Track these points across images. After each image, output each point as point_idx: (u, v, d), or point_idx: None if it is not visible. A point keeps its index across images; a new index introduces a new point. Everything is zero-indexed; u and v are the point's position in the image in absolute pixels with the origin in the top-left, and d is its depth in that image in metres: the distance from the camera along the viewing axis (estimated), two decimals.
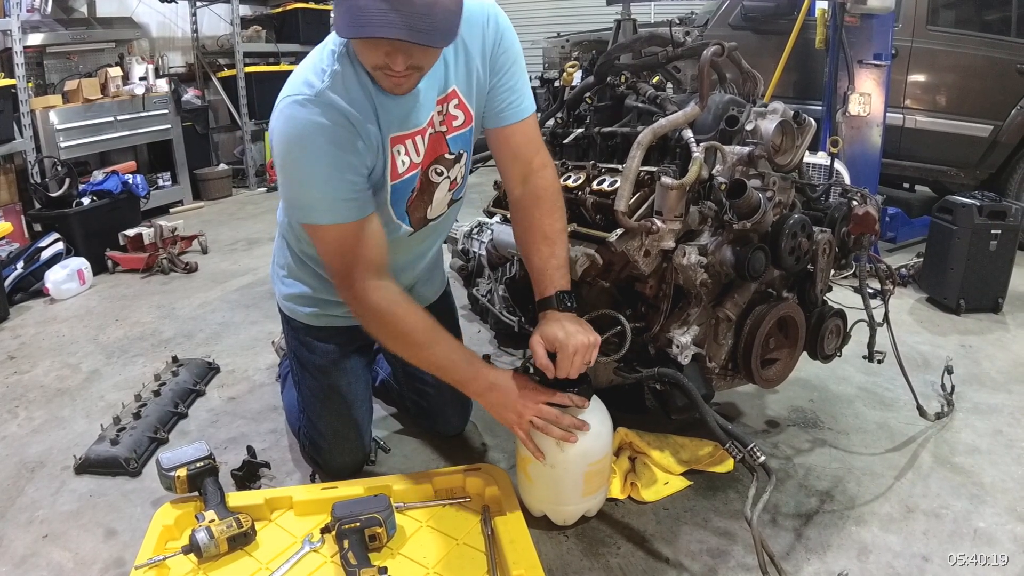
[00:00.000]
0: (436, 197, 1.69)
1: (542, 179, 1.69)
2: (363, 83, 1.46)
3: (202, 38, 7.04)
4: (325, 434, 1.97)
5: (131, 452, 2.12)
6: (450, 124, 1.60)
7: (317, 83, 1.43)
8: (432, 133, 1.58)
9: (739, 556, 1.70)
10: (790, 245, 1.76)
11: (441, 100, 1.57)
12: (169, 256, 4.27)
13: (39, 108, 4.89)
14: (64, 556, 1.77)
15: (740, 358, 1.88)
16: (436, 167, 1.64)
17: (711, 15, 4.88)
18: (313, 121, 1.40)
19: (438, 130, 1.59)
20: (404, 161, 1.57)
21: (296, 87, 1.45)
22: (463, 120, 1.62)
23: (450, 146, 1.64)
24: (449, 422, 2.20)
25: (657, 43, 2.04)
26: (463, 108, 1.60)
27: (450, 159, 1.65)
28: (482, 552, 1.68)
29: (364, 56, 1.38)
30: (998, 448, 2.14)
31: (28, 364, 2.97)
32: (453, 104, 1.58)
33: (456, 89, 1.57)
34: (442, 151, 1.63)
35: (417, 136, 1.55)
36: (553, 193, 1.70)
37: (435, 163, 1.64)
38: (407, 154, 1.56)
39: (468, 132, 1.65)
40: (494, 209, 2.25)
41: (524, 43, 1.61)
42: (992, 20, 4.46)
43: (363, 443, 2.01)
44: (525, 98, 1.65)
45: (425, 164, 1.62)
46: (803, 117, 1.82)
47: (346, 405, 1.95)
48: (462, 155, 1.68)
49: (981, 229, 3.16)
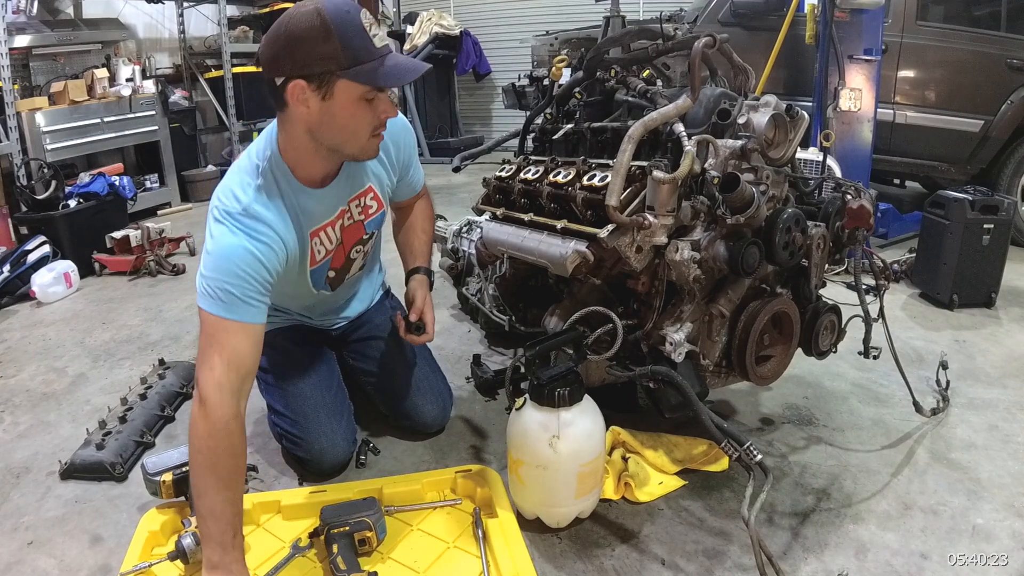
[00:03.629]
0: (352, 268, 2.02)
1: (419, 206, 2.21)
2: (283, 191, 1.68)
3: (189, 39, 7.01)
4: (296, 419, 1.99)
5: (117, 457, 2.08)
6: (367, 213, 1.92)
7: (244, 198, 1.62)
8: (350, 223, 1.88)
9: (735, 556, 1.67)
10: (784, 240, 1.74)
11: (360, 195, 1.87)
12: (156, 258, 4.24)
13: (25, 110, 4.85)
14: (49, 563, 1.73)
15: (734, 355, 1.86)
16: (356, 248, 1.97)
17: (700, 11, 4.87)
18: (240, 246, 1.58)
19: (356, 219, 1.89)
20: (320, 250, 1.83)
21: (227, 196, 1.64)
22: (376, 208, 1.94)
23: (367, 229, 1.95)
24: (424, 413, 2.18)
25: (647, 37, 2.02)
26: (377, 200, 1.93)
27: (367, 239, 1.98)
28: (474, 555, 1.66)
29: (368, 119, 1.60)
30: (994, 443, 2.13)
31: (14, 368, 2.93)
32: (369, 197, 1.90)
33: (372, 186, 1.90)
34: (361, 235, 1.95)
35: (329, 227, 1.81)
36: (428, 208, 2.23)
37: (356, 245, 1.96)
38: (323, 244, 1.83)
39: (381, 215, 1.98)
40: (483, 207, 2.22)
41: (512, 41, 1.76)
42: (982, 15, 4.47)
43: (340, 427, 2.02)
44: (419, 179, 2.13)
45: (347, 248, 1.92)
46: (796, 110, 1.79)
47: (309, 384, 2.04)
48: (374, 234, 2.02)
49: (973, 224, 3.15)
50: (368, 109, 1.57)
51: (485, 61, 8.86)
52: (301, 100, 1.53)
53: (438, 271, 3.77)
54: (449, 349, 2.90)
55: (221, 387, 1.47)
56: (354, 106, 1.55)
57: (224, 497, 1.44)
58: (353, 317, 2.26)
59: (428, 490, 1.88)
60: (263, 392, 2.14)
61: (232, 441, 1.47)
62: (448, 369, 2.42)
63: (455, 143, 8.59)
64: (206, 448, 1.44)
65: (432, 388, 2.21)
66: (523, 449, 1.69)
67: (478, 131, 9.41)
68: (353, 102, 1.54)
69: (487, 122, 9.48)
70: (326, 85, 1.50)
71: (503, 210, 2.13)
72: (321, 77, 1.49)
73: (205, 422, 1.45)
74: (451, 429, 2.28)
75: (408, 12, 8.90)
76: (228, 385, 1.48)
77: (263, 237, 1.61)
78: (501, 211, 2.13)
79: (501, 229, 2.09)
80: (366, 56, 1.49)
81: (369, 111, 1.57)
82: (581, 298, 2.03)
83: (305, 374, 2.08)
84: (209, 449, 1.44)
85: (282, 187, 1.67)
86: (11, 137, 4.68)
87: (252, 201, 1.62)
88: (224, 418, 1.46)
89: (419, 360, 2.25)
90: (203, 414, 1.45)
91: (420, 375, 2.21)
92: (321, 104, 1.53)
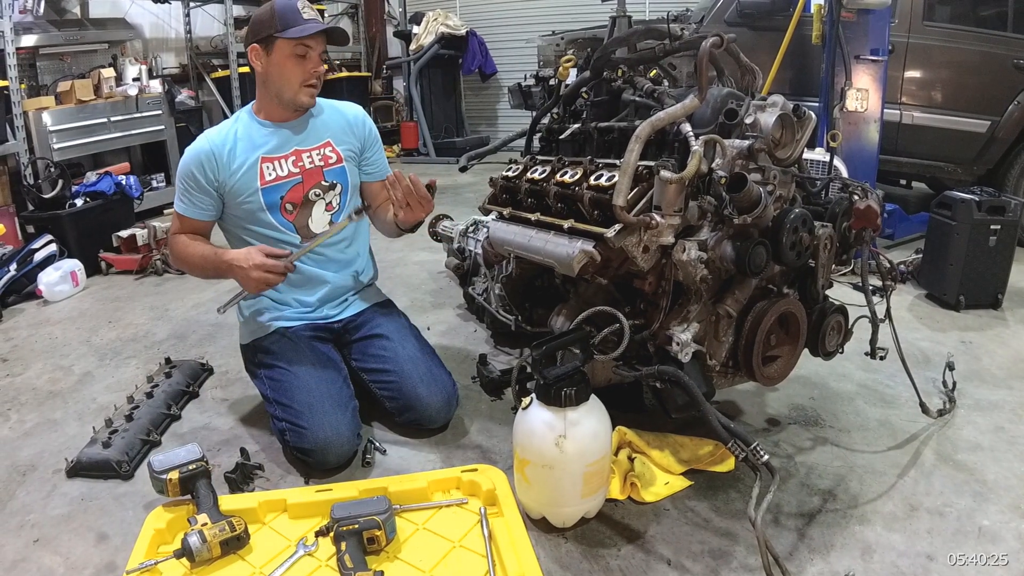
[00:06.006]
0: (315, 213, 2.29)
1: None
2: (239, 124, 2.23)
3: (196, 39, 7.02)
4: (302, 410, 2.03)
5: (123, 455, 2.09)
6: (327, 162, 2.29)
7: (210, 132, 2.24)
8: (311, 167, 2.26)
9: (741, 557, 1.67)
10: (791, 240, 1.73)
11: (320, 146, 2.28)
12: (163, 257, 4.24)
13: (32, 109, 4.86)
14: (55, 561, 1.74)
15: (741, 355, 1.85)
16: (315, 190, 2.27)
17: (706, 11, 4.86)
18: (190, 152, 2.20)
19: (316, 164, 2.27)
20: (271, 174, 2.21)
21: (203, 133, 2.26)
22: (335, 160, 2.30)
23: (326, 176, 2.29)
24: (430, 405, 2.19)
25: (654, 37, 2.02)
26: (335, 152, 2.31)
27: (326, 185, 2.29)
28: (480, 555, 1.66)
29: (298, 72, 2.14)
30: (1000, 445, 2.12)
31: (20, 366, 2.94)
32: (328, 149, 2.29)
33: (331, 140, 2.30)
34: (319, 179, 2.27)
35: (282, 159, 2.23)
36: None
37: (314, 188, 2.27)
38: (274, 170, 2.21)
39: (340, 169, 2.31)
40: (490, 206, 2.22)
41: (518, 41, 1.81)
42: (988, 15, 4.45)
43: (345, 419, 2.05)
44: (385, 167, 2.44)
45: (306, 187, 2.25)
46: (803, 110, 1.79)
47: (315, 377, 2.13)
48: (335, 185, 2.31)
49: (980, 225, 3.14)
50: (298, 64, 2.12)
51: (491, 61, 8.85)
52: (256, 58, 2.15)
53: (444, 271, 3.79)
54: (455, 348, 2.91)
55: (174, 235, 2.26)
56: (287, 60, 2.11)
57: (192, 261, 2.19)
58: (353, 313, 2.38)
59: (434, 489, 1.88)
60: (268, 390, 2.17)
61: (184, 241, 2.22)
62: (454, 368, 2.42)
63: (461, 143, 8.59)
64: (175, 251, 2.27)
65: (436, 380, 2.23)
66: (529, 449, 1.69)
67: (484, 131, 9.41)
68: (286, 57, 2.10)
69: (493, 122, 9.48)
70: (269, 45, 2.10)
71: (510, 210, 2.13)
72: (266, 40, 2.10)
73: (171, 242, 2.28)
74: (456, 428, 2.28)
75: (414, 12, 8.88)
76: (178, 235, 2.25)
77: (199, 143, 2.19)
78: (508, 211, 2.13)
79: (508, 229, 2.09)
80: (293, 22, 2.07)
81: (299, 65, 2.12)
82: (587, 298, 2.03)
83: (311, 368, 2.15)
84: (176, 251, 2.26)
85: (240, 121, 2.24)
86: (18, 136, 4.70)
87: (208, 130, 2.27)
88: (174, 239, 2.26)
89: (423, 355, 2.28)
90: (170, 241, 2.29)
91: (424, 368, 2.25)
92: (267, 60, 2.12)
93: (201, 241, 2.24)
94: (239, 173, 2.18)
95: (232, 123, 2.26)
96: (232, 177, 2.18)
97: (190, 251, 2.19)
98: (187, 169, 2.17)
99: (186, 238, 2.22)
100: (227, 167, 2.17)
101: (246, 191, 2.19)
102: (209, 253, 2.16)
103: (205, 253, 2.16)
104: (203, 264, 2.16)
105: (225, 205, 2.23)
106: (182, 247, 2.22)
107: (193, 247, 2.19)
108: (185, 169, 2.18)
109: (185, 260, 2.23)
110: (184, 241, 2.22)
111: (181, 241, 2.22)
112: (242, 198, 2.19)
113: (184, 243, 2.21)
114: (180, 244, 2.22)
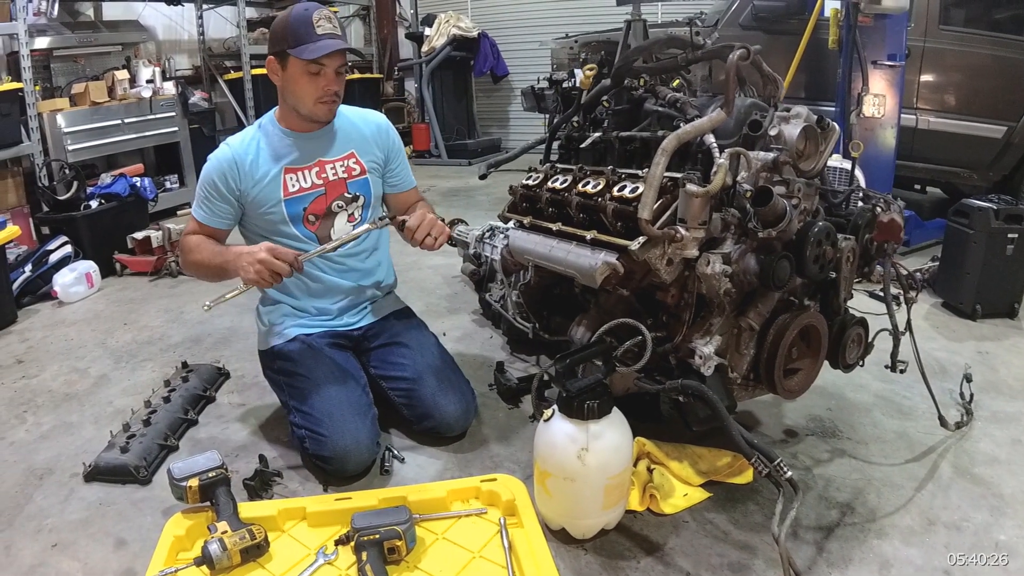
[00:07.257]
0: (337, 224, 2.28)
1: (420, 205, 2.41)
2: (263, 133, 2.22)
3: (208, 40, 7.04)
4: (321, 418, 2.03)
5: (141, 460, 2.09)
6: (350, 173, 2.27)
7: (233, 141, 2.22)
8: (335, 179, 2.25)
9: (760, 570, 1.67)
10: (815, 253, 1.72)
11: (344, 158, 2.27)
12: (177, 259, 4.24)
13: (46, 111, 4.88)
14: (73, 566, 1.74)
15: (762, 368, 1.84)
16: (338, 202, 2.26)
17: (721, 15, 4.84)
18: (207, 163, 2.21)
19: (340, 176, 2.26)
20: (294, 185, 2.20)
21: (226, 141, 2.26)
22: (359, 171, 2.29)
23: (349, 188, 2.28)
24: (448, 413, 2.19)
25: (676, 46, 2.01)
26: (359, 164, 2.30)
27: (349, 197, 2.28)
28: (500, 566, 1.66)
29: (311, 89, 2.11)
30: (1017, 458, 2.11)
31: (36, 368, 2.95)
32: (352, 160, 2.28)
33: (355, 152, 2.29)
34: (342, 191, 2.27)
35: (305, 170, 2.22)
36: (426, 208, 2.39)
37: (337, 200, 2.26)
38: (297, 181, 2.21)
39: (363, 181, 2.30)
40: (509, 215, 2.22)
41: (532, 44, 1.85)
42: (1005, 19, 4.42)
43: (365, 427, 2.05)
44: (409, 178, 2.46)
45: (329, 199, 2.24)
46: (827, 122, 1.78)
47: (334, 385, 2.12)
48: (359, 197, 2.30)
49: (998, 233, 3.11)
50: (312, 81, 2.09)
51: (503, 63, 8.84)
52: (273, 71, 2.13)
53: (459, 275, 3.79)
54: (471, 355, 2.91)
55: (187, 235, 2.24)
56: (301, 77, 2.08)
57: (202, 257, 2.15)
58: (372, 321, 2.38)
59: (453, 498, 1.88)
60: (288, 397, 2.17)
61: (194, 239, 2.21)
62: (471, 375, 2.41)
63: (472, 145, 8.60)
64: (185, 249, 2.23)
65: (455, 387, 2.24)
66: (551, 461, 1.69)
67: (495, 133, 9.40)
68: (300, 74, 2.08)
69: (504, 124, 9.46)
70: (284, 60, 2.08)
71: (530, 219, 2.12)
72: (280, 54, 2.08)
73: (182, 240, 2.26)
74: (474, 437, 2.28)
75: (426, 14, 8.88)
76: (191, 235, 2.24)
77: (221, 151, 2.19)
78: (528, 220, 2.13)
79: (528, 238, 2.09)
80: (306, 39, 2.03)
81: (312, 82, 2.09)
82: (608, 309, 2.02)
83: (332, 375, 2.15)
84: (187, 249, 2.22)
85: (264, 130, 2.23)
86: (32, 138, 4.72)
87: (230, 137, 2.25)
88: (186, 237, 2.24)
89: (442, 363, 2.29)
90: (181, 240, 2.28)
91: (442, 376, 2.25)
92: (283, 74, 2.11)
93: (212, 242, 2.24)
94: (262, 184, 2.18)
95: (255, 131, 2.25)
96: (255, 187, 2.18)
97: (199, 248, 2.19)
98: (209, 177, 2.18)
99: (197, 237, 2.21)
100: (250, 177, 2.17)
101: (269, 202, 2.19)
102: (217, 248, 2.16)
103: (213, 248, 2.16)
104: (210, 259, 2.13)
105: (245, 214, 2.23)
106: (193, 244, 2.21)
107: (204, 243, 2.19)
108: (207, 177, 2.18)
109: (192, 254, 2.20)
110: (195, 239, 2.21)
111: (192, 239, 2.22)
112: (264, 208, 2.19)
113: (195, 240, 2.21)
114: (191, 241, 2.22)
